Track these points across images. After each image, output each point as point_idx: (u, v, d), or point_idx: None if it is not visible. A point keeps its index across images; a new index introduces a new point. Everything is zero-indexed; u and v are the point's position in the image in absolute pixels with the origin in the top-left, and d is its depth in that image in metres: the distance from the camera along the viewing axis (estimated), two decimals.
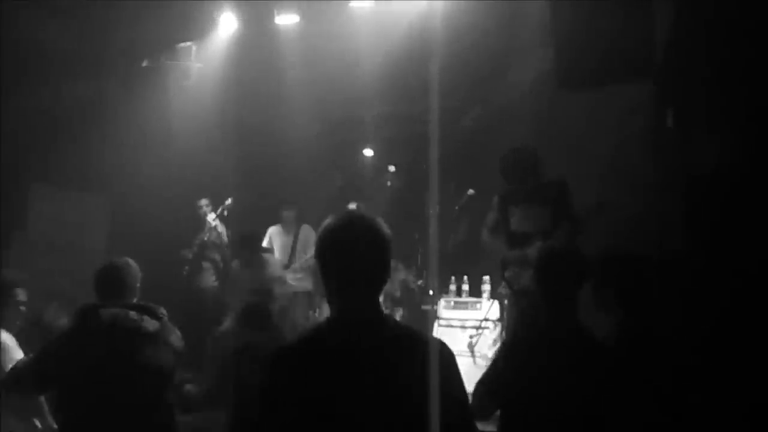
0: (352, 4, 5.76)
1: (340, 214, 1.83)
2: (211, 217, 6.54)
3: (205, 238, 6.58)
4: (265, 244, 6.66)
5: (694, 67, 4.04)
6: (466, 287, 6.32)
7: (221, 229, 6.60)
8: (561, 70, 4.58)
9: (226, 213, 6.61)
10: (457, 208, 5.61)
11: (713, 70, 3.85)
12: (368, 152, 7.76)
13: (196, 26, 6.26)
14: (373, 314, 1.74)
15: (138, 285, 3.14)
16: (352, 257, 1.72)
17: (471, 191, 5.57)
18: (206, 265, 6.64)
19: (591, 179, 4.85)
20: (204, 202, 6.66)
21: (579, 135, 4.95)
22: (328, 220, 1.81)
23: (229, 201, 6.61)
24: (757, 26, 3.57)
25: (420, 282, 6.37)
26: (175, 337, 3.05)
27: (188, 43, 6.45)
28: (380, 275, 1.76)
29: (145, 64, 6.44)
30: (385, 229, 1.77)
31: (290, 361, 1.71)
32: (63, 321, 5.14)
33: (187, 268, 6.60)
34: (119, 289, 3.05)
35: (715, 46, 3.80)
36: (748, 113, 3.62)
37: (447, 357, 1.73)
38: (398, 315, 6.51)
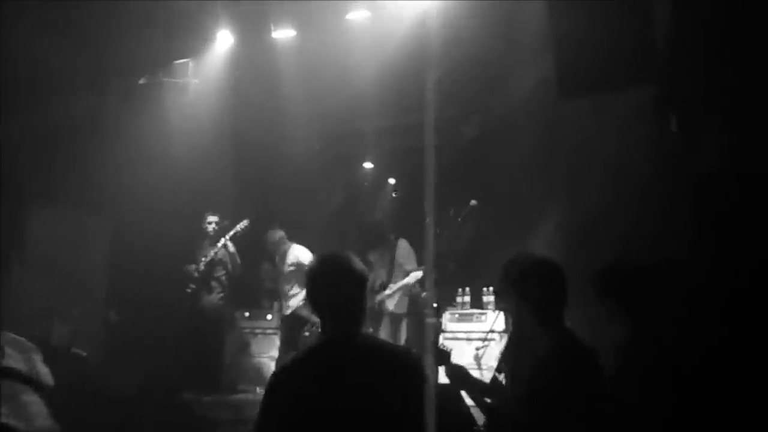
0: (348, 16, 5.73)
1: (321, 257, 2.27)
2: (224, 239, 6.43)
3: (214, 256, 6.47)
4: None
5: (695, 70, 3.99)
6: (467, 299, 6.26)
7: (232, 249, 6.50)
8: (561, 77, 4.53)
9: (238, 234, 6.49)
10: (459, 219, 5.54)
11: (714, 71, 3.80)
12: (368, 165, 7.70)
13: (193, 43, 6.24)
14: (354, 338, 2.12)
15: None
16: (336, 293, 2.13)
17: (474, 202, 5.50)
18: (214, 283, 6.55)
19: (595, 186, 4.79)
20: (213, 218, 6.56)
21: (581, 142, 4.89)
22: (312, 262, 2.30)
23: (245, 222, 6.50)
24: (756, 25, 3.52)
25: (424, 294, 6.29)
26: None
27: (185, 60, 6.43)
28: (360, 306, 2.16)
29: (142, 81, 6.42)
30: (360, 266, 2.19)
31: (288, 379, 2.06)
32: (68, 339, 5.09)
33: (192, 285, 6.51)
34: None
35: (715, 47, 3.75)
36: (751, 112, 3.56)
37: (419, 374, 2.11)
38: (403, 326, 6.43)
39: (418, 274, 6.09)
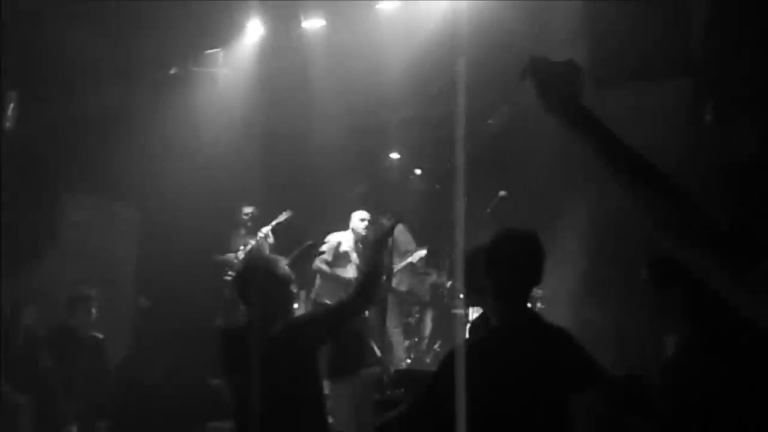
0: (378, 5, 5.72)
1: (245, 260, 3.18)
2: (265, 229, 6.52)
3: (254, 245, 6.52)
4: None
5: (731, 60, 3.94)
6: None
7: (272, 240, 6.57)
8: (595, 68, 4.49)
9: (281, 226, 6.57)
10: (488, 210, 5.52)
11: (751, 62, 3.75)
12: (395, 156, 7.69)
13: (223, 33, 6.27)
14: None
15: None
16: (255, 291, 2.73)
17: (503, 193, 5.49)
18: None
19: None
20: (248, 209, 6.66)
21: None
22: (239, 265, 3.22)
23: (288, 213, 6.58)
24: None
25: (449, 284, 6.29)
26: None
27: (215, 50, 6.47)
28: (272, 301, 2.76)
29: (173, 71, 6.47)
30: (279, 269, 2.77)
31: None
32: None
33: (231, 273, 6.53)
34: None
35: (752, 37, 3.70)
36: None
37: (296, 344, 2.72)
38: (428, 317, 6.43)
39: (421, 252, 6.05)
